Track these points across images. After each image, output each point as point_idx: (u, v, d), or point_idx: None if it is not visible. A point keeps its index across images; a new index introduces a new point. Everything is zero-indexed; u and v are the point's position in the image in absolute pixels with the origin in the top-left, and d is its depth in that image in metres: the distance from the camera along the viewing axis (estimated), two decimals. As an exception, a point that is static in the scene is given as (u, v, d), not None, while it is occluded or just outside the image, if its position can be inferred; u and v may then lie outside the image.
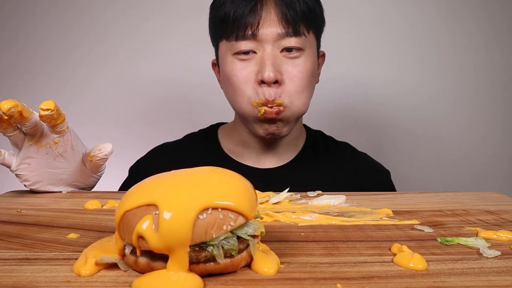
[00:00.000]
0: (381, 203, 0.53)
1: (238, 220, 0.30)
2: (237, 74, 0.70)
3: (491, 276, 0.30)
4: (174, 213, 0.28)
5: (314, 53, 0.73)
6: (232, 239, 0.30)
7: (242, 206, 0.31)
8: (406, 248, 0.35)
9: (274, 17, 0.67)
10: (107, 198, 0.56)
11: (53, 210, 0.51)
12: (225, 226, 0.30)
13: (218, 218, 0.29)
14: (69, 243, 0.38)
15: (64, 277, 0.30)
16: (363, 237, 0.39)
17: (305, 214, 0.47)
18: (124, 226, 0.30)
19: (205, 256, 0.29)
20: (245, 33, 0.68)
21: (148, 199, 0.30)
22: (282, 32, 0.67)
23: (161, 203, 0.29)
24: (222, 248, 0.30)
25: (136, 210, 0.30)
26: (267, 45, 0.68)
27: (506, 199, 0.55)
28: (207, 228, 0.29)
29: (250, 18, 0.67)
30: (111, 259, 0.31)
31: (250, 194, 0.33)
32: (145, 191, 0.31)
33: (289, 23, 0.68)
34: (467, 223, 0.44)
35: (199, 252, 0.29)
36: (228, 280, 0.30)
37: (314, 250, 0.36)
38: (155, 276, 0.29)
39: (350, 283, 0.29)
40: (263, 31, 0.67)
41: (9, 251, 0.36)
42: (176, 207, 0.29)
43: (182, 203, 0.29)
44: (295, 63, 0.69)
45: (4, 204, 0.54)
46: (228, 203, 0.30)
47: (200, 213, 0.29)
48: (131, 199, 0.31)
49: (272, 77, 0.66)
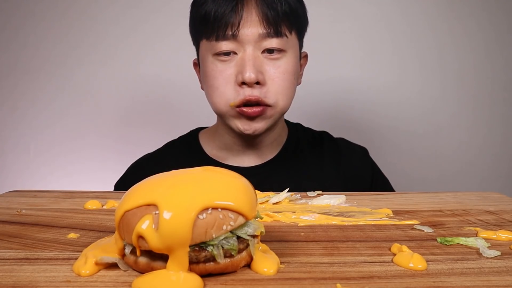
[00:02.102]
0: (381, 203, 0.53)
1: (238, 220, 0.30)
2: (217, 76, 0.69)
3: (490, 276, 0.30)
4: (174, 213, 0.28)
5: (296, 54, 0.72)
6: (232, 239, 0.30)
7: (242, 206, 0.31)
8: (406, 248, 0.35)
9: (255, 17, 0.66)
10: (107, 198, 0.56)
11: (53, 210, 0.51)
12: (225, 226, 0.30)
13: (218, 218, 0.29)
14: (69, 243, 0.38)
15: (64, 277, 0.30)
16: (363, 237, 0.39)
17: (305, 214, 0.47)
18: (124, 226, 0.30)
19: (205, 256, 0.29)
20: (225, 33, 0.66)
21: (148, 199, 0.30)
22: (263, 32, 0.66)
23: (161, 203, 0.29)
24: (222, 248, 0.30)
25: (136, 210, 0.30)
26: (248, 46, 0.67)
27: (506, 199, 0.55)
28: (207, 228, 0.29)
29: (230, 18, 0.66)
30: (111, 259, 0.31)
31: (250, 194, 0.33)
32: (145, 191, 0.31)
33: (270, 23, 0.66)
34: (467, 223, 0.44)
35: (199, 252, 0.29)
36: (228, 280, 0.30)
37: (314, 250, 0.36)
38: (155, 276, 0.29)
39: (350, 283, 0.29)
40: (243, 31, 0.66)
41: (9, 251, 0.36)
42: (176, 207, 0.29)
43: (182, 203, 0.29)
44: (277, 64, 0.68)
45: (4, 204, 0.54)
46: (228, 203, 0.30)
47: (200, 213, 0.29)
48: (131, 199, 0.31)
49: (253, 78, 0.65)
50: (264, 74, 0.67)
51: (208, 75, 0.70)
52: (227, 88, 0.68)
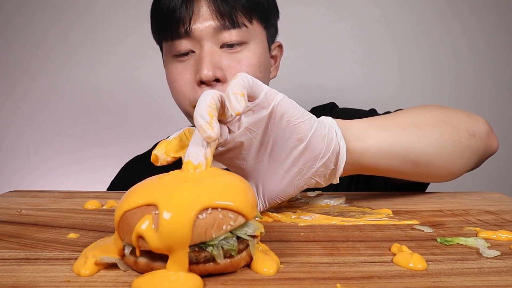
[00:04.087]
0: (381, 203, 0.53)
1: (237, 220, 0.30)
2: (177, 78, 0.66)
3: (490, 276, 0.30)
4: (173, 213, 0.28)
5: (261, 44, 0.68)
6: (231, 239, 0.30)
7: (242, 206, 0.30)
8: (406, 248, 0.35)
9: (206, 10, 0.62)
10: (107, 198, 0.56)
11: (53, 210, 0.51)
12: (225, 226, 0.29)
13: (217, 218, 0.29)
14: (69, 243, 0.38)
15: (64, 277, 0.30)
16: (363, 237, 0.39)
17: (305, 214, 0.47)
18: (123, 226, 0.30)
19: (205, 256, 0.29)
20: (178, 31, 0.63)
21: (147, 199, 0.30)
22: (217, 25, 0.62)
23: (161, 203, 0.29)
24: (221, 249, 0.30)
25: (135, 210, 0.30)
26: (204, 41, 0.63)
27: (506, 199, 0.55)
28: (206, 228, 0.29)
29: (181, 15, 0.63)
30: (111, 259, 0.31)
31: (250, 194, 0.33)
32: (145, 191, 0.31)
33: (223, 14, 0.62)
34: (466, 223, 0.44)
35: (199, 253, 0.29)
36: (228, 280, 0.30)
37: (313, 250, 0.36)
38: (155, 276, 0.29)
39: (350, 283, 0.29)
40: (196, 26, 0.62)
41: (9, 251, 0.36)
42: (176, 207, 0.29)
43: (181, 203, 0.29)
44: (237, 58, 0.64)
45: (4, 204, 0.54)
46: (228, 203, 0.30)
47: (200, 213, 0.29)
48: (130, 199, 0.31)
49: (210, 76, 0.61)
50: (224, 70, 0.63)
51: (169, 78, 0.68)
52: (188, 89, 0.65)
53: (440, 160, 0.50)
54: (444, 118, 0.52)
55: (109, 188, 0.83)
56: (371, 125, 0.47)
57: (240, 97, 0.35)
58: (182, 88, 0.66)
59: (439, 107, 0.56)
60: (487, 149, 0.58)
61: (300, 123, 0.39)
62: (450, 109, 0.56)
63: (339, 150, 0.42)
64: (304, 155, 0.40)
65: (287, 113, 0.39)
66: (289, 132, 0.39)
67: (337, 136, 0.42)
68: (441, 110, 0.55)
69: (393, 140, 0.47)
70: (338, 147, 0.42)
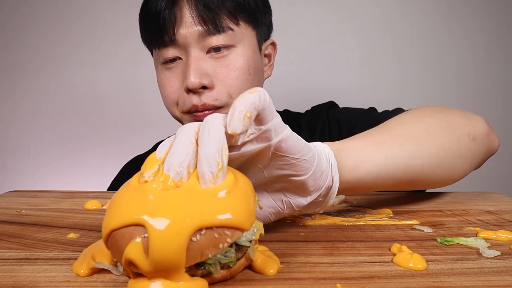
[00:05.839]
0: (381, 203, 0.53)
1: (235, 235, 0.28)
2: (165, 85, 0.66)
3: (490, 276, 0.30)
4: (164, 237, 0.25)
5: (250, 46, 0.66)
6: (229, 251, 0.28)
7: (239, 220, 0.27)
8: (406, 248, 0.35)
9: (188, 16, 0.61)
10: (107, 198, 0.56)
11: (53, 210, 0.51)
12: (221, 244, 0.27)
13: (213, 237, 0.27)
14: (69, 243, 0.38)
15: (64, 277, 0.30)
16: (362, 237, 0.39)
17: (305, 214, 0.47)
18: (112, 247, 0.28)
19: (202, 273, 0.28)
20: (163, 39, 0.63)
21: (135, 219, 0.26)
22: (201, 31, 0.61)
23: (150, 226, 0.26)
24: (219, 263, 0.28)
25: (123, 230, 0.27)
26: (190, 48, 0.62)
27: (506, 199, 0.55)
28: (202, 250, 0.26)
29: (164, 23, 0.62)
30: (105, 265, 0.31)
31: (248, 200, 0.29)
32: (131, 207, 0.27)
33: (206, 20, 0.61)
34: (466, 223, 0.44)
35: (195, 270, 0.28)
36: (227, 280, 0.30)
37: (313, 250, 0.36)
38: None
39: (350, 283, 0.29)
40: (180, 33, 0.62)
41: (9, 251, 0.36)
42: (166, 230, 0.26)
43: (172, 225, 0.26)
44: (225, 63, 0.63)
45: (4, 204, 0.54)
46: (224, 219, 0.27)
47: (193, 235, 0.26)
48: (117, 216, 0.28)
49: (196, 83, 0.61)
50: (211, 76, 0.62)
51: (159, 85, 0.69)
52: (175, 96, 0.65)
53: (440, 171, 0.49)
54: (444, 125, 0.50)
55: (109, 188, 0.83)
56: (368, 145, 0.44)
57: (246, 118, 0.30)
58: (170, 95, 0.66)
59: (436, 111, 0.54)
60: (488, 149, 0.57)
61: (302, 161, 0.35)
62: (448, 112, 0.54)
63: (331, 186, 0.39)
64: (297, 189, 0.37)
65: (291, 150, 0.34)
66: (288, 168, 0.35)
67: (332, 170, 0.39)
68: (439, 115, 0.53)
69: (390, 163, 0.44)
70: (332, 183, 0.39)
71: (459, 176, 0.52)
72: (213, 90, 0.63)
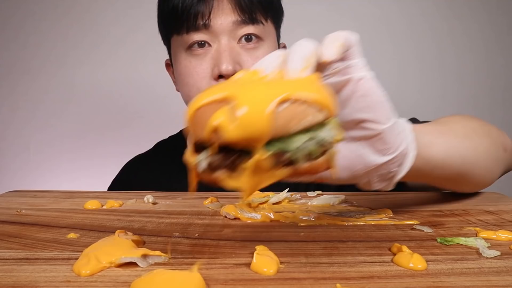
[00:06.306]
0: (381, 203, 0.53)
1: (319, 115, 0.28)
2: (191, 72, 0.64)
3: (490, 276, 0.30)
4: (252, 103, 0.26)
5: (274, 43, 0.68)
6: (312, 141, 0.28)
7: (324, 99, 0.28)
8: (406, 248, 0.35)
9: (226, 5, 0.62)
10: (107, 198, 0.56)
11: (53, 210, 0.51)
12: (306, 119, 0.27)
13: (297, 111, 0.27)
14: (69, 243, 0.38)
15: (64, 277, 0.30)
16: (362, 237, 0.39)
17: (305, 214, 0.47)
18: (197, 123, 0.28)
19: (285, 160, 0.28)
20: (196, 24, 0.62)
21: (223, 94, 0.28)
22: (237, 19, 0.62)
23: (238, 95, 0.27)
24: (303, 152, 0.28)
25: (208, 106, 0.28)
26: (222, 36, 0.62)
27: (506, 199, 0.55)
28: (287, 120, 0.27)
29: (200, 8, 0.61)
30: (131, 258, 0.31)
31: (330, 91, 0.30)
32: (217, 90, 0.29)
33: (244, 10, 0.62)
34: (466, 223, 0.44)
35: (279, 156, 0.28)
36: (227, 280, 0.30)
37: (313, 250, 0.36)
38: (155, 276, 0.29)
39: (350, 283, 0.29)
40: (216, 21, 0.62)
41: (9, 251, 0.36)
42: (254, 97, 0.27)
43: (259, 93, 0.27)
44: (255, 55, 0.64)
45: (4, 204, 0.54)
46: (309, 95, 0.27)
47: (280, 105, 0.26)
48: (202, 97, 0.29)
49: (230, 70, 0.61)
50: (242, 66, 0.63)
51: (182, 73, 0.66)
52: (202, 84, 0.64)
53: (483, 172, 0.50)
54: (486, 131, 0.52)
55: (110, 187, 0.82)
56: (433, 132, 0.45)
57: (339, 46, 0.31)
58: (197, 83, 0.64)
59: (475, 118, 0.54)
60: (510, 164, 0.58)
61: (382, 107, 0.35)
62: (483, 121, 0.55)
63: (406, 154, 0.38)
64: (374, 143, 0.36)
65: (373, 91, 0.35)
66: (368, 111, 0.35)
67: (408, 139, 0.38)
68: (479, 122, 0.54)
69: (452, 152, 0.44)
70: (406, 151, 0.38)
71: (492, 181, 0.54)
72: None
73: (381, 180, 0.39)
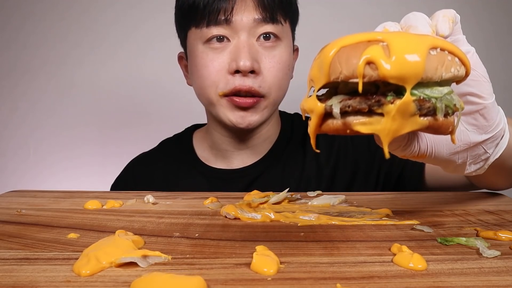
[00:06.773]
0: (381, 203, 0.53)
1: (461, 70, 0.30)
2: (208, 65, 0.64)
3: (490, 276, 0.30)
4: (407, 43, 0.28)
5: (290, 45, 0.69)
6: (451, 95, 0.30)
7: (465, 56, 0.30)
8: (406, 248, 0.35)
9: (249, 2, 0.63)
10: (107, 198, 0.56)
11: (53, 210, 0.51)
12: (453, 68, 0.29)
13: (447, 58, 0.29)
14: (69, 243, 0.38)
15: (64, 277, 0.30)
16: (363, 237, 0.39)
17: (305, 214, 0.47)
18: (343, 60, 0.29)
19: (428, 107, 0.29)
20: (217, 18, 0.63)
21: (371, 36, 0.29)
22: (258, 18, 0.63)
23: (389, 36, 0.28)
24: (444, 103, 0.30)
25: (356, 45, 0.29)
26: (242, 32, 0.63)
27: (506, 199, 0.55)
28: (437, 64, 0.28)
29: (223, 4, 0.62)
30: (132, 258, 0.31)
31: None
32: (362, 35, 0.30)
33: (266, 9, 0.63)
34: (467, 223, 0.44)
35: (424, 102, 0.29)
36: (228, 280, 0.30)
37: (314, 250, 0.36)
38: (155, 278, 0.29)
39: (350, 283, 0.29)
40: (237, 17, 0.62)
41: (9, 251, 0.36)
42: (408, 39, 0.28)
43: (411, 37, 0.28)
44: (272, 54, 0.65)
45: (4, 204, 0.54)
46: (455, 47, 0.30)
47: (431, 49, 0.28)
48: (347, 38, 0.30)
49: (248, 66, 0.61)
50: (259, 63, 0.64)
51: (197, 65, 0.66)
52: (217, 77, 0.64)
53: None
54: None
55: (113, 185, 0.82)
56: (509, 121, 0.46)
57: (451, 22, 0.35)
58: (211, 75, 0.64)
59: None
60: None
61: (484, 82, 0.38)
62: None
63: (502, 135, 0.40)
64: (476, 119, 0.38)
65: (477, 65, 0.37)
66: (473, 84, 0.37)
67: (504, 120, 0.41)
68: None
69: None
70: (503, 132, 0.40)
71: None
72: (259, 76, 0.64)
73: (476, 161, 0.40)
